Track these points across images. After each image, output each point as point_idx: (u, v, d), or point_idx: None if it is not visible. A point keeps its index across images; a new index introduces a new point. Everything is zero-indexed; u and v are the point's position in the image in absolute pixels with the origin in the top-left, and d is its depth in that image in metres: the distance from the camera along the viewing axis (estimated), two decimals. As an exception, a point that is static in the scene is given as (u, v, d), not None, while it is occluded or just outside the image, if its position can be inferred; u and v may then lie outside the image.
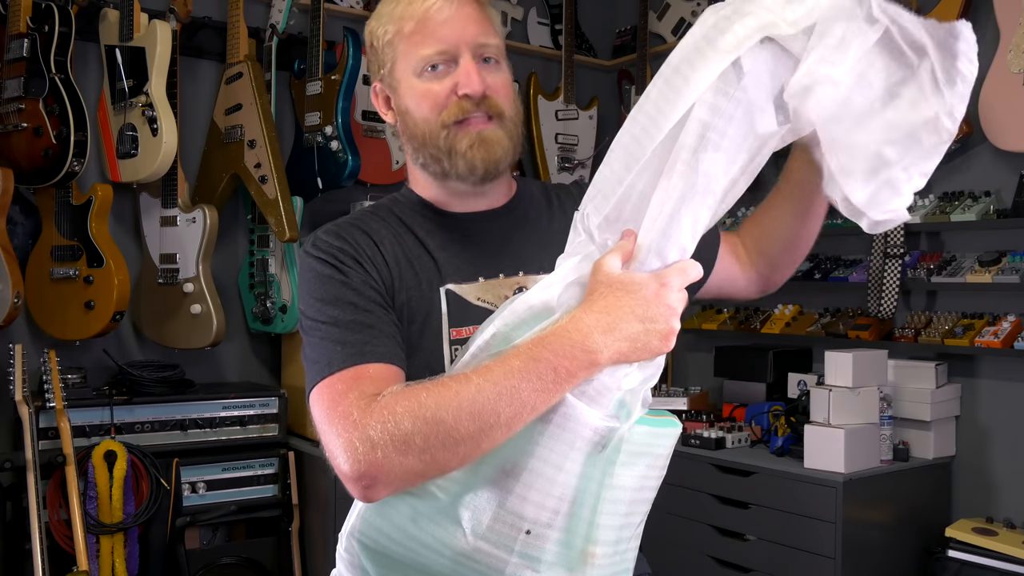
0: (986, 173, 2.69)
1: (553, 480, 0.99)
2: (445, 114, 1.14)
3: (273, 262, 2.97)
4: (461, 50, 1.14)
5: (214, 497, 2.73)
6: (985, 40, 2.67)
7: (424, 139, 1.16)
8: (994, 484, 2.66)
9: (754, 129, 0.94)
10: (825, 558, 2.43)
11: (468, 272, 1.18)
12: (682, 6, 3.68)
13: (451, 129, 1.15)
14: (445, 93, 1.14)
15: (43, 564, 2.28)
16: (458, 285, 1.17)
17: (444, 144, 1.15)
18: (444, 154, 1.16)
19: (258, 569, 2.83)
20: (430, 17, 1.13)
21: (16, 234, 2.72)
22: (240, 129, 2.88)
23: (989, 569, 2.38)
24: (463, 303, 1.16)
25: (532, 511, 0.99)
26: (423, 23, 1.14)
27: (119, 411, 2.63)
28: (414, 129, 1.18)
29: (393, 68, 1.18)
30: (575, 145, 3.77)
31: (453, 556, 1.01)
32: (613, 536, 1.05)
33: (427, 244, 1.20)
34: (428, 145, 1.16)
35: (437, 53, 1.14)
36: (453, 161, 1.15)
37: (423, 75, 1.15)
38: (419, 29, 1.14)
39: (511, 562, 1.00)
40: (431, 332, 1.15)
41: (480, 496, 0.99)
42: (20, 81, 2.54)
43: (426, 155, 1.18)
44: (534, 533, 1.00)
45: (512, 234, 1.23)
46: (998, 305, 2.62)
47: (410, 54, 1.15)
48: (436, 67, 1.14)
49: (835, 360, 2.56)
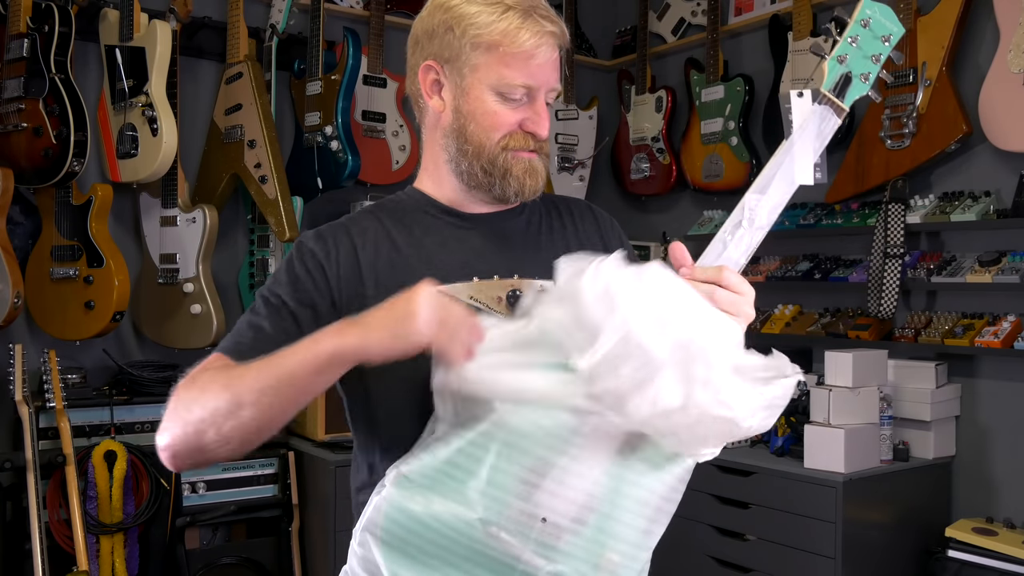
0: (986, 173, 2.69)
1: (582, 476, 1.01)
2: (510, 140, 1.20)
3: (273, 262, 2.97)
4: (541, 91, 1.21)
5: (214, 497, 2.73)
6: (985, 40, 2.68)
7: (478, 151, 1.21)
8: (994, 484, 2.66)
9: None
10: (825, 558, 2.43)
11: (463, 271, 1.21)
12: (682, 6, 3.68)
13: (509, 153, 1.21)
14: (514, 121, 1.20)
15: (43, 564, 2.28)
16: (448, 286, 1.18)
17: (501, 164, 1.21)
18: (498, 173, 1.21)
19: (258, 569, 2.83)
20: (531, 54, 1.18)
21: (16, 234, 2.72)
22: (240, 129, 2.88)
23: (989, 569, 2.38)
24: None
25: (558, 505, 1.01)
26: (523, 55, 1.17)
27: (119, 411, 2.63)
28: (469, 137, 1.21)
29: (469, 69, 1.20)
30: (575, 145, 3.77)
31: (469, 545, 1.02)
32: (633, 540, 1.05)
33: (424, 243, 1.22)
34: (481, 158, 1.21)
35: (523, 87, 1.19)
36: (505, 181, 1.21)
37: (499, 96, 1.19)
38: (517, 56, 1.17)
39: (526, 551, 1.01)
40: None
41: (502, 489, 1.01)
42: (20, 81, 2.54)
43: (474, 165, 1.22)
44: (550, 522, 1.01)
45: (513, 237, 1.26)
46: (998, 305, 2.62)
47: (498, 72, 1.18)
48: (515, 96, 1.20)
49: (835, 360, 2.57)
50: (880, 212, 2.79)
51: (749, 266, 3.48)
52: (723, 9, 3.43)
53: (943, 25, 2.68)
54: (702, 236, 3.42)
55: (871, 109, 2.85)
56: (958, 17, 2.66)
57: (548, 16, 1.19)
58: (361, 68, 3.10)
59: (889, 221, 2.75)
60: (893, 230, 2.74)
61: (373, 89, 3.19)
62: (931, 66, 2.69)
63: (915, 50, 2.73)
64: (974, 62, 2.71)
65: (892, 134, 2.77)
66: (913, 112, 2.72)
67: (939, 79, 2.68)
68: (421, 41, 1.23)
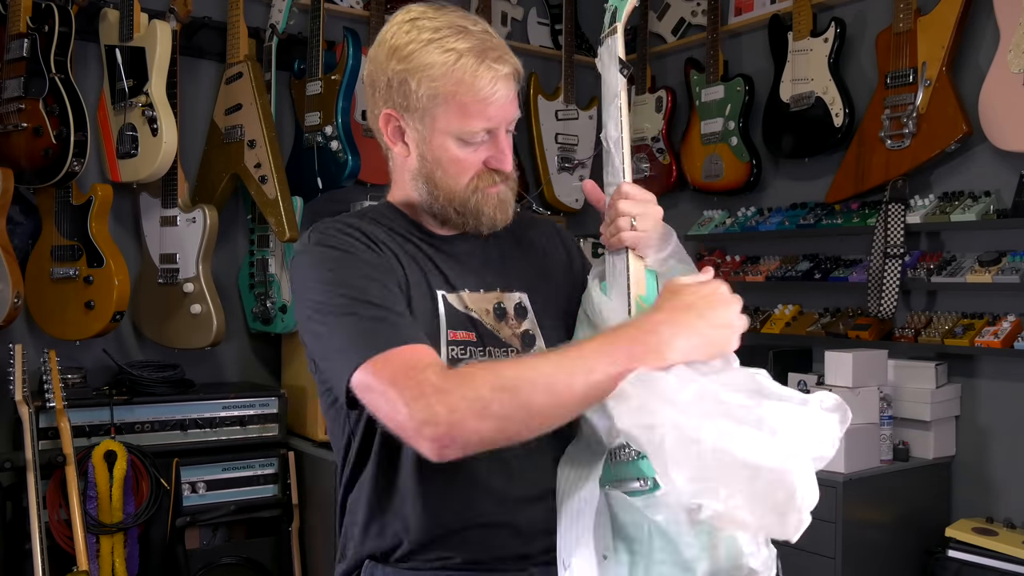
0: (986, 173, 2.69)
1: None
2: (478, 182, 1.23)
3: (273, 262, 2.97)
4: (501, 128, 1.23)
5: (214, 497, 2.72)
6: (985, 40, 2.68)
7: (449, 197, 1.23)
8: (994, 484, 2.66)
9: None
10: (825, 558, 2.43)
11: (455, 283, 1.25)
12: (682, 6, 3.68)
13: (479, 193, 1.24)
14: (478, 162, 1.23)
15: (43, 564, 2.28)
16: (448, 293, 1.24)
17: (472, 207, 1.24)
18: (470, 213, 1.24)
19: (258, 569, 2.83)
20: (487, 99, 1.18)
21: (16, 234, 2.72)
22: (240, 129, 2.88)
23: (989, 569, 2.38)
24: (455, 309, 1.23)
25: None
26: (479, 101, 1.18)
27: (119, 411, 2.63)
28: (439, 183, 1.23)
29: (429, 119, 1.21)
30: (575, 145, 3.77)
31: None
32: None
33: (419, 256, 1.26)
34: (453, 202, 1.24)
35: (484, 130, 1.21)
36: (478, 220, 1.25)
37: (461, 142, 1.21)
38: (472, 103, 1.18)
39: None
40: (432, 331, 1.19)
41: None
42: (20, 81, 2.54)
43: (446, 208, 1.25)
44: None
45: (489, 255, 1.32)
46: (998, 305, 2.62)
47: (457, 121, 1.20)
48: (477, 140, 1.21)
49: (835, 360, 2.57)
50: (880, 212, 2.79)
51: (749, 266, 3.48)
52: (723, 9, 3.43)
53: (943, 25, 2.68)
54: (702, 236, 3.42)
55: (871, 109, 2.85)
56: (958, 17, 2.66)
57: (501, 57, 1.19)
58: (361, 68, 3.10)
59: (889, 221, 2.75)
60: (893, 230, 2.74)
61: (373, 89, 3.18)
62: (931, 66, 2.69)
63: (915, 50, 2.73)
64: (974, 62, 2.71)
65: (892, 134, 2.77)
66: (913, 112, 2.72)
67: (939, 79, 2.68)
68: (378, 87, 1.24)
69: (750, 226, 3.23)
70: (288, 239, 2.78)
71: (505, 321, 1.26)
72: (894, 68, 2.78)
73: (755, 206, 3.33)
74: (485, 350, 1.23)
